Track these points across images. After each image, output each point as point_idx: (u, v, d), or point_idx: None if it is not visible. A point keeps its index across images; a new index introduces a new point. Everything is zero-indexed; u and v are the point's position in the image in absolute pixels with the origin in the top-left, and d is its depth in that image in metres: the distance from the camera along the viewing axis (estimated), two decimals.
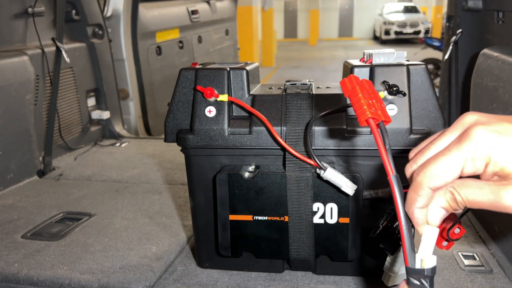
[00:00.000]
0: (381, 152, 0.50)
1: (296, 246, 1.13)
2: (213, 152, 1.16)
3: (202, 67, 1.19)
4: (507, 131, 0.45)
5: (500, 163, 0.44)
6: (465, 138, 0.46)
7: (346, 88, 0.57)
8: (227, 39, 4.83)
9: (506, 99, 1.27)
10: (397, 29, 17.38)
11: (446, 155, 0.46)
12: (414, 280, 0.46)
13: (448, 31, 2.38)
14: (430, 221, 0.49)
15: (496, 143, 0.44)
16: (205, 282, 1.24)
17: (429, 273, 0.46)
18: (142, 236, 1.51)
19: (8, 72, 2.00)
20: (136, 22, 3.16)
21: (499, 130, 0.45)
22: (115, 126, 2.86)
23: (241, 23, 7.90)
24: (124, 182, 2.06)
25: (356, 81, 0.56)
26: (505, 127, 0.45)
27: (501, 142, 0.44)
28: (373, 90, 0.56)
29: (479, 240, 1.43)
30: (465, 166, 0.45)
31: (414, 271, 0.46)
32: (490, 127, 0.45)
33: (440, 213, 0.49)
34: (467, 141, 0.45)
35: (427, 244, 0.48)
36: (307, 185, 1.08)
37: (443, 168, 0.46)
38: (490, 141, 0.45)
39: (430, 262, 0.47)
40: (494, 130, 0.45)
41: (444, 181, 0.46)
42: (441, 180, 0.46)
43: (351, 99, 0.55)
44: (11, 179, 2.02)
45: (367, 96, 0.54)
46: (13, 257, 1.39)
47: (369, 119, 0.52)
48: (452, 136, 0.49)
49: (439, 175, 0.46)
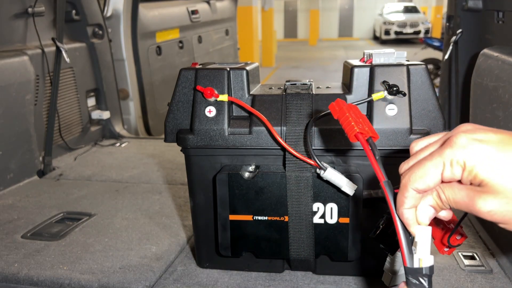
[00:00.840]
0: (372, 163, 0.53)
1: (296, 246, 1.13)
2: (213, 152, 1.16)
3: (202, 67, 1.19)
4: (488, 140, 0.46)
5: (474, 170, 0.45)
6: (447, 143, 0.48)
7: (334, 110, 0.63)
8: (227, 39, 4.83)
9: (506, 99, 1.27)
10: (397, 29, 17.38)
11: (428, 160, 0.48)
12: (413, 280, 0.47)
13: (448, 31, 2.38)
14: (419, 220, 0.51)
15: (472, 150, 0.46)
16: (205, 282, 1.24)
17: (427, 272, 0.48)
18: (142, 236, 1.51)
19: (8, 72, 2.00)
20: (136, 22, 3.16)
21: (480, 139, 0.46)
22: (115, 126, 2.86)
23: (241, 23, 7.90)
24: (124, 182, 2.06)
25: (343, 105, 0.63)
26: (488, 136, 0.46)
27: (477, 150, 0.45)
28: (360, 114, 0.61)
29: (479, 240, 1.43)
30: (444, 170, 0.47)
31: (413, 270, 0.48)
32: (472, 135, 0.47)
33: (428, 211, 0.51)
34: (447, 146, 0.47)
35: (423, 244, 0.49)
36: (307, 185, 1.08)
37: (425, 172, 0.48)
38: (467, 148, 0.46)
39: (428, 261, 0.48)
40: (475, 138, 0.46)
41: (426, 184, 0.48)
42: (423, 183, 0.49)
43: (340, 119, 0.61)
44: (11, 179, 2.02)
45: (355, 117, 0.60)
46: (13, 257, 1.39)
47: (358, 134, 0.56)
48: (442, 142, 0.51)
49: (422, 178, 0.48)
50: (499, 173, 0.44)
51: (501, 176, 0.44)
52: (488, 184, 0.45)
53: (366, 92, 1.11)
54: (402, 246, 0.48)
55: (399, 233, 0.49)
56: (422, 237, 0.49)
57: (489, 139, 0.46)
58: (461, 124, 0.51)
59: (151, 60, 3.37)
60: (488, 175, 0.45)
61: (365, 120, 0.60)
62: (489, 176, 0.45)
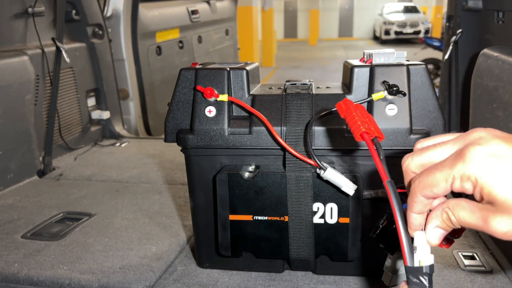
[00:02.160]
0: (376, 162, 0.54)
1: (296, 246, 1.13)
2: (213, 152, 1.16)
3: (202, 67, 1.19)
4: (503, 154, 0.44)
5: (486, 188, 0.44)
6: (459, 156, 0.46)
7: (341, 108, 0.64)
8: (227, 39, 4.83)
9: (506, 99, 1.27)
10: (397, 29, 17.38)
11: (439, 170, 0.47)
12: (413, 279, 0.48)
13: (448, 31, 2.38)
14: (430, 241, 0.50)
15: (485, 166, 0.44)
16: (205, 282, 1.24)
17: (428, 271, 0.48)
18: (142, 236, 1.51)
19: (8, 72, 2.00)
20: (136, 22, 3.16)
21: (494, 153, 0.44)
22: (115, 126, 2.86)
23: (241, 23, 7.90)
24: (124, 182, 2.06)
25: (350, 104, 0.63)
26: (502, 149, 0.44)
27: (491, 167, 0.43)
28: (367, 113, 0.62)
29: (479, 240, 1.43)
30: (453, 183, 0.46)
31: (413, 269, 0.48)
32: (486, 148, 0.44)
33: (438, 233, 0.50)
34: (459, 160, 0.45)
35: (422, 246, 0.50)
36: (307, 185, 1.08)
37: (434, 182, 0.47)
38: (480, 164, 0.44)
39: (428, 260, 0.49)
40: (489, 152, 0.44)
41: (435, 193, 0.48)
42: (431, 191, 0.48)
43: (346, 118, 0.62)
44: (11, 179, 2.02)
45: (361, 116, 0.60)
46: (13, 257, 1.39)
47: (363, 134, 0.57)
48: (452, 148, 0.49)
49: (430, 187, 0.48)
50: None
51: None
52: (502, 203, 0.43)
53: (366, 92, 1.11)
54: (403, 246, 0.49)
55: (400, 232, 0.49)
56: (421, 241, 0.50)
57: (504, 154, 0.43)
58: (475, 129, 0.48)
59: (151, 60, 3.37)
60: (503, 194, 0.43)
61: (371, 120, 0.61)
62: (504, 194, 0.43)
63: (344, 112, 0.63)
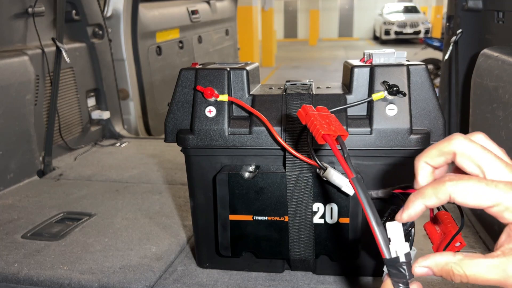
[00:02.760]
0: (340, 161, 0.54)
1: (296, 246, 1.13)
2: (213, 152, 1.16)
3: (202, 67, 1.19)
4: None
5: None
6: None
7: (302, 116, 0.64)
8: (227, 39, 4.83)
9: (506, 99, 1.27)
10: (397, 29, 17.38)
11: (489, 186, 0.45)
12: (393, 270, 0.48)
13: (448, 31, 2.38)
14: (415, 272, 0.48)
15: None
16: (205, 282, 1.24)
17: (404, 259, 0.48)
18: (142, 236, 1.51)
19: (8, 72, 2.00)
20: (136, 22, 3.16)
21: None
22: (115, 126, 2.86)
23: (241, 23, 7.90)
24: (124, 182, 2.06)
25: (309, 109, 0.64)
26: None
27: None
28: (328, 115, 0.63)
29: (479, 240, 1.43)
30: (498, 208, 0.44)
31: (391, 261, 0.49)
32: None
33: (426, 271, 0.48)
34: None
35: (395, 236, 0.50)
36: (307, 185, 1.08)
37: (480, 193, 0.45)
38: None
39: (403, 249, 0.49)
40: None
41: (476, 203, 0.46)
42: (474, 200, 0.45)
43: (307, 124, 0.62)
44: (11, 179, 2.02)
45: (321, 119, 0.61)
46: (13, 257, 1.39)
47: (325, 135, 0.57)
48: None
49: (474, 198, 0.45)
50: None
51: None
52: None
53: (366, 92, 1.11)
54: (378, 240, 0.49)
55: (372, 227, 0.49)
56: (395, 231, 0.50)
57: None
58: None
59: (151, 60, 3.37)
60: None
61: (332, 121, 0.62)
62: None
63: (304, 119, 0.64)
